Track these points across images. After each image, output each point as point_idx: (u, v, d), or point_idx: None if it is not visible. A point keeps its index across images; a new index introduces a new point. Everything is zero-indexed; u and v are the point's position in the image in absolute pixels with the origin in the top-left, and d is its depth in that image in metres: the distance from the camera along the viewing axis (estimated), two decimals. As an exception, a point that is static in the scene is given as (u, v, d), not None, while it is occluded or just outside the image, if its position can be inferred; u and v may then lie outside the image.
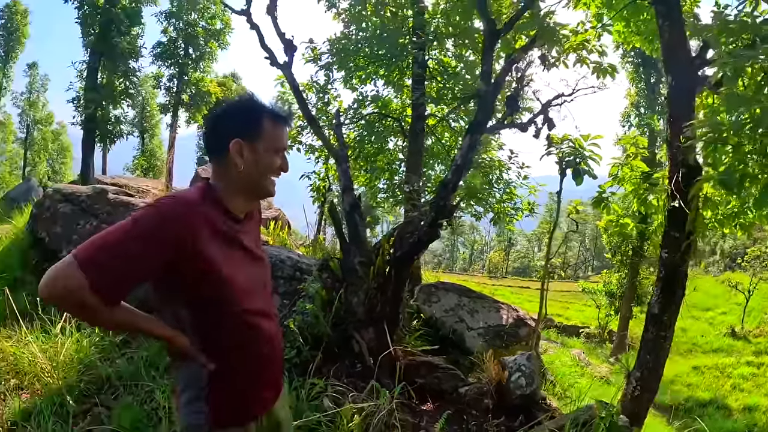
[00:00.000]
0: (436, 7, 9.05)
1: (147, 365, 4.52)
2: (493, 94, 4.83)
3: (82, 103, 21.92)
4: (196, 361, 1.74)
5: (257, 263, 1.91)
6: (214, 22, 27.37)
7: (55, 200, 7.36)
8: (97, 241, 1.54)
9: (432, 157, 10.21)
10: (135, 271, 1.57)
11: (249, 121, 1.81)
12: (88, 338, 4.92)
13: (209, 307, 1.73)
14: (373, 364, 4.24)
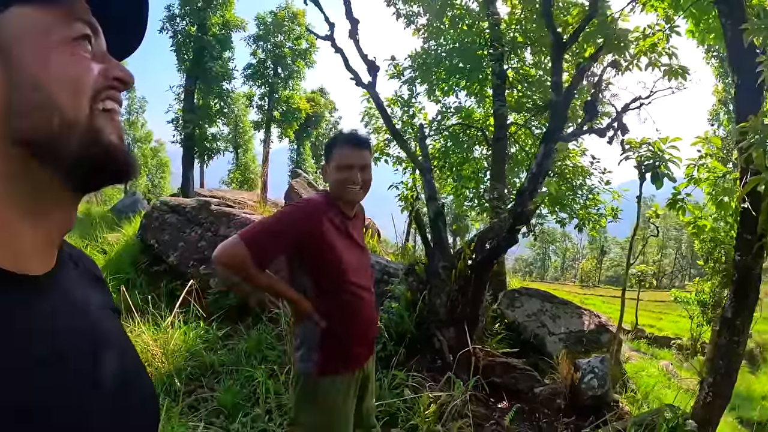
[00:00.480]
0: (511, 17, 9.19)
1: (246, 355, 5.04)
2: (565, 104, 4.90)
3: (181, 123, 23.52)
4: (312, 320, 2.30)
5: (361, 251, 2.50)
6: (299, 42, 28.52)
7: (163, 211, 8.11)
8: (255, 227, 2.26)
9: (516, 164, 10.28)
10: (277, 246, 2.25)
11: (327, 148, 2.49)
12: (194, 330, 5.54)
13: (325, 277, 2.33)
14: (452, 361, 4.49)
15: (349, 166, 2.37)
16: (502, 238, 4.86)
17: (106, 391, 0.67)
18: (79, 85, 0.64)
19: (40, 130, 0.61)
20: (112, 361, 0.70)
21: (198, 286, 6.36)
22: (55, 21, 0.64)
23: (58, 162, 0.63)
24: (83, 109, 0.63)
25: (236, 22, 24.65)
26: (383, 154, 10.31)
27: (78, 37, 0.65)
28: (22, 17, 0.62)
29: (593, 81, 5.94)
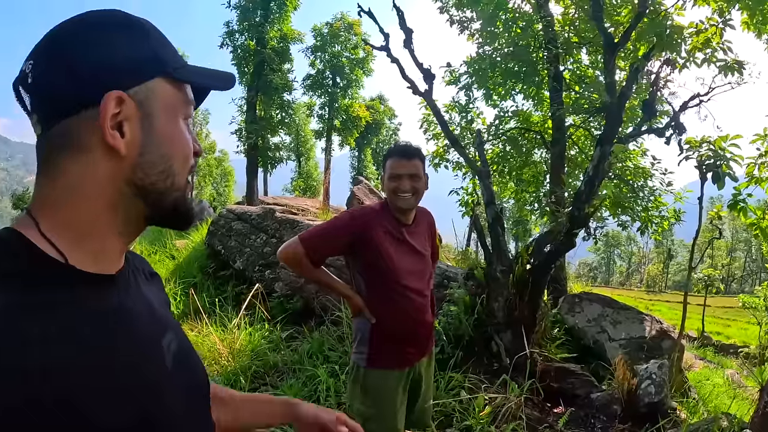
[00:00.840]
0: (565, 17, 9.07)
1: (309, 355, 5.23)
2: (620, 105, 4.82)
3: (244, 134, 24.24)
4: (364, 315, 2.51)
5: (419, 257, 2.62)
6: (356, 52, 28.97)
7: (229, 219, 8.46)
8: (313, 229, 2.56)
9: (575, 167, 10.12)
10: (329, 247, 2.53)
11: (382, 161, 2.70)
12: (259, 332, 5.82)
13: (376, 278, 2.52)
14: (509, 364, 4.51)
15: (397, 175, 2.53)
16: (559, 242, 4.84)
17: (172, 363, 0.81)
18: (188, 159, 0.82)
19: (155, 187, 0.77)
20: (175, 340, 0.84)
21: (263, 290, 6.60)
22: (182, 101, 0.80)
23: (153, 206, 0.79)
24: (185, 178, 0.81)
25: (293, 34, 25.30)
26: (443, 159, 10.34)
27: (189, 116, 0.82)
28: (165, 90, 0.78)
29: (650, 79, 5.79)
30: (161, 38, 0.80)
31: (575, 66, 9.71)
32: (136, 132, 0.74)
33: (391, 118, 42.36)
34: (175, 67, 0.79)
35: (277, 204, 14.24)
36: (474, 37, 9.92)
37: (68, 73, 0.71)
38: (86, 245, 0.73)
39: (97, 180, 0.73)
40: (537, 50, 8.96)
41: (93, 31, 0.74)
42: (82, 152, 0.72)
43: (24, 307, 0.63)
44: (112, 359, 0.68)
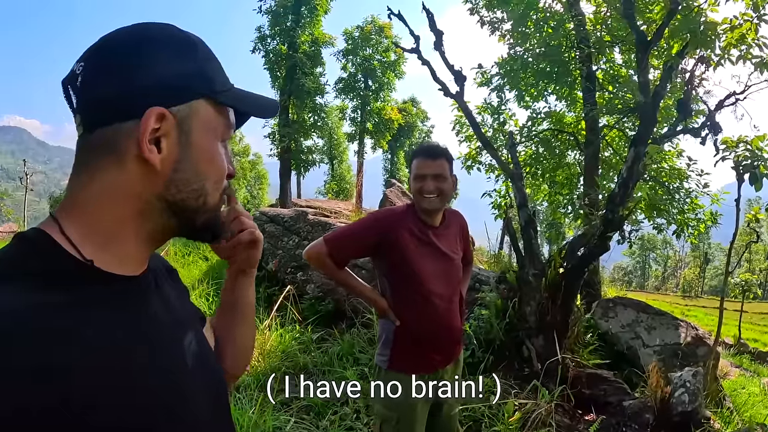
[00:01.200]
0: (596, 16, 8.92)
1: (339, 357, 5.29)
2: (654, 105, 4.69)
3: (277, 138, 24.48)
4: (388, 318, 2.50)
5: (446, 260, 2.56)
6: (388, 55, 29.03)
7: (262, 221, 8.53)
8: (338, 230, 2.60)
9: (610, 168, 9.94)
10: (353, 248, 2.53)
11: (408, 162, 2.59)
12: (290, 333, 5.88)
13: (400, 281, 2.49)
14: (540, 370, 4.45)
15: (422, 176, 2.49)
16: (593, 245, 4.76)
17: (192, 364, 0.83)
18: (221, 181, 0.84)
19: (186, 204, 0.79)
20: (195, 342, 0.87)
21: (295, 292, 6.66)
22: (222, 124, 0.83)
23: (183, 222, 0.81)
24: (218, 198, 0.84)
25: (325, 38, 25.48)
26: (475, 162, 10.26)
27: (227, 139, 0.85)
28: (207, 111, 0.80)
29: (685, 78, 5.64)
30: (211, 58, 0.82)
31: (608, 65, 9.52)
32: (174, 149, 0.76)
33: (423, 121, 42.32)
34: (220, 90, 0.81)
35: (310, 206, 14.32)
36: (505, 37, 9.82)
37: (116, 82, 0.73)
38: (111, 248, 0.75)
39: (129, 190, 0.75)
40: (569, 50, 8.84)
41: (145, 45, 0.76)
42: (118, 160, 0.74)
43: (48, 306, 0.64)
44: (135, 360, 0.70)
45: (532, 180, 10.25)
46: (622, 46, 8.46)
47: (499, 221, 10.03)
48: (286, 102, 24.32)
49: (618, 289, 16.57)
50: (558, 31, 8.93)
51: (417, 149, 2.62)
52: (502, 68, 9.65)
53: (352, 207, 13.63)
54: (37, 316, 0.62)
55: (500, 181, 10.01)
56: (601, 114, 8.74)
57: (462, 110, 6.22)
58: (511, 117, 10.11)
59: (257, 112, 0.87)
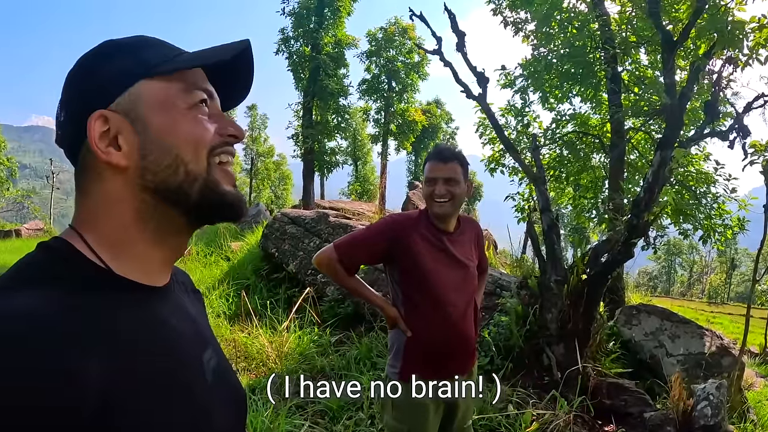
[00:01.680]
0: (621, 16, 8.73)
1: (356, 361, 5.25)
2: (681, 107, 4.55)
3: (301, 139, 24.60)
4: (399, 327, 2.41)
5: (461, 267, 2.47)
6: (411, 56, 29.01)
7: (284, 222, 8.56)
8: (349, 235, 2.50)
9: (635, 172, 9.74)
10: (363, 254, 2.47)
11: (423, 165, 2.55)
12: (308, 335, 5.87)
13: (412, 288, 2.40)
14: (560, 379, 4.35)
15: (433, 179, 2.42)
16: (617, 251, 4.64)
17: (212, 378, 0.83)
18: (200, 144, 0.79)
19: (169, 183, 0.77)
20: (215, 357, 0.86)
21: (314, 294, 6.66)
22: (178, 91, 0.79)
23: (180, 205, 0.79)
24: (202, 164, 0.79)
25: (348, 40, 25.55)
26: (499, 164, 10.13)
27: (197, 102, 0.80)
28: (151, 89, 0.77)
29: (712, 79, 5.48)
30: (148, 44, 0.81)
31: (634, 66, 9.31)
32: (132, 139, 0.75)
33: (448, 122, 42.20)
34: (156, 63, 0.78)
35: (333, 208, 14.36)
36: (529, 38, 9.70)
37: (67, 112, 0.77)
38: (127, 257, 0.76)
39: (115, 197, 0.76)
40: (594, 51, 8.68)
41: (80, 68, 0.78)
42: (93, 174, 0.76)
43: (73, 310, 0.65)
44: (156, 368, 0.71)
45: (556, 183, 10.09)
46: (647, 46, 8.28)
47: (522, 225, 9.88)
48: (310, 103, 24.45)
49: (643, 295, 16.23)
50: (582, 31, 8.77)
51: (430, 152, 2.54)
52: (525, 69, 9.51)
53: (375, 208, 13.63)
54: (62, 319, 0.63)
55: (523, 184, 9.88)
56: (627, 116, 8.56)
57: (485, 112, 6.14)
58: (535, 119, 9.96)
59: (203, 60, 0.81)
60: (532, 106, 9.93)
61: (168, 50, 0.81)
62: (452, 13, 5.71)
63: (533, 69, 9.37)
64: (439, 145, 2.63)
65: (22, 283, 0.67)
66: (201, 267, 9.87)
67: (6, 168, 33.11)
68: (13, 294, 0.65)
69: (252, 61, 0.89)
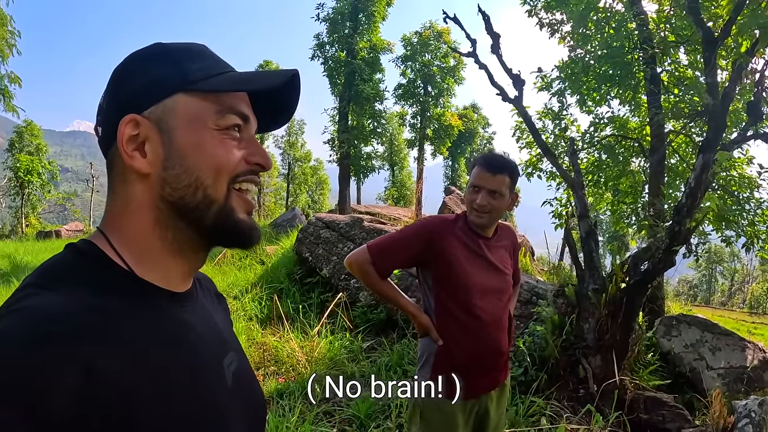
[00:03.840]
0: (659, 15, 8.45)
1: (387, 368, 5.19)
2: (723, 108, 4.35)
3: (337, 144, 24.70)
4: (431, 336, 2.31)
5: (497, 274, 2.38)
6: (447, 60, 28.87)
7: (318, 227, 8.58)
8: (382, 237, 2.41)
9: (676, 176, 9.44)
10: (398, 257, 2.36)
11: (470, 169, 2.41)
12: (339, 341, 5.85)
13: (446, 295, 2.30)
14: (596, 391, 4.21)
15: (477, 187, 2.33)
16: (657, 259, 4.46)
17: (232, 383, 0.83)
18: (222, 169, 0.79)
19: (186, 201, 0.77)
20: (236, 361, 0.88)
21: (347, 299, 6.63)
22: (211, 111, 0.79)
23: (195, 225, 0.79)
24: (222, 190, 0.79)
25: (383, 44, 25.54)
26: (536, 169, 9.95)
27: (229, 126, 0.80)
28: (185, 104, 0.78)
29: (754, 79, 5.25)
30: (193, 55, 0.81)
31: (673, 67, 8.99)
32: (158, 149, 0.76)
33: (485, 127, 41.96)
34: (196, 79, 0.78)
35: (369, 212, 14.40)
36: (565, 40, 9.51)
37: (105, 110, 0.79)
38: (148, 261, 0.78)
39: (138, 200, 0.77)
40: (632, 51, 8.44)
41: (124, 68, 0.80)
42: (121, 175, 0.78)
43: (98, 311, 0.66)
44: (177, 370, 0.72)
45: (594, 188, 9.84)
46: (687, 45, 7.99)
47: (560, 231, 9.66)
48: (346, 108, 24.54)
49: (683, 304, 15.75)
50: (620, 31, 8.53)
51: (480, 156, 2.42)
52: (562, 71, 9.31)
53: (411, 214, 13.60)
54: (84, 319, 0.64)
55: (561, 189, 9.67)
56: (667, 118, 8.29)
57: (521, 115, 6.04)
58: (572, 122, 9.74)
59: (246, 86, 0.82)
60: (570, 109, 9.72)
61: (214, 65, 0.82)
62: (486, 14, 5.62)
63: (570, 71, 9.16)
64: (490, 152, 2.50)
65: (48, 282, 0.69)
66: (235, 270, 9.97)
67: (48, 171, 34.14)
68: (39, 292, 0.67)
69: (299, 90, 0.88)
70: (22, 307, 0.64)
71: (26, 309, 0.63)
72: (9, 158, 33.17)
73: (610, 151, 9.26)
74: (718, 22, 6.39)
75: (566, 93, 9.53)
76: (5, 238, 26.67)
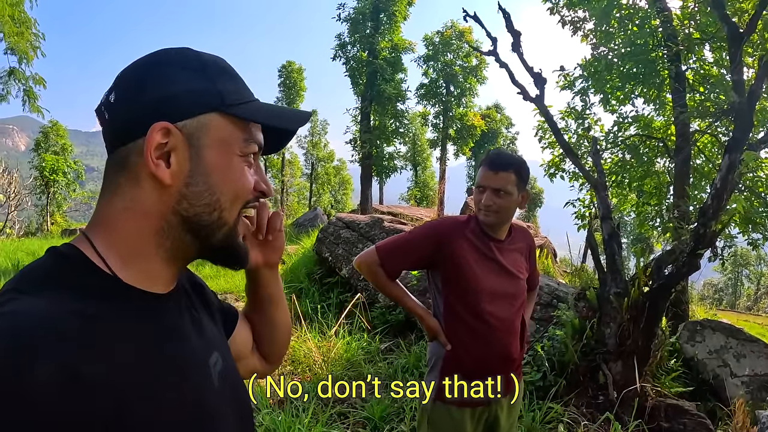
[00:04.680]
0: (684, 11, 8.26)
1: (403, 370, 5.14)
2: (750, 106, 4.19)
3: (359, 144, 24.71)
4: (439, 340, 2.27)
5: (509, 278, 2.31)
6: (469, 60, 28.73)
7: (338, 227, 8.57)
8: (392, 237, 2.37)
9: (702, 177, 9.21)
10: (407, 258, 2.33)
11: None
12: (356, 342, 5.81)
13: (455, 298, 2.25)
14: (616, 398, 4.11)
15: (481, 187, 2.29)
16: (681, 262, 4.33)
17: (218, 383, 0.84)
18: (240, 195, 0.82)
19: (201, 219, 0.79)
20: (219, 356, 0.88)
21: (365, 300, 6.59)
22: (240, 138, 0.81)
23: (201, 240, 0.81)
24: (234, 214, 0.82)
25: (405, 44, 25.49)
26: (559, 169, 9.81)
27: (250, 154, 0.82)
28: (219, 125, 0.79)
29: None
30: (225, 74, 0.82)
31: (698, 64, 8.76)
32: (183, 163, 0.76)
33: (508, 127, 41.64)
34: (232, 103, 0.79)
35: (391, 213, 14.37)
36: (588, 37, 9.34)
37: (128, 103, 0.76)
38: (136, 265, 0.77)
39: (145, 206, 0.77)
40: (656, 49, 8.27)
41: (157, 67, 0.78)
42: (133, 178, 0.76)
43: (79, 316, 0.65)
44: (161, 375, 0.71)
45: (618, 189, 9.67)
46: (712, 42, 7.80)
47: (583, 232, 9.51)
48: (368, 108, 24.56)
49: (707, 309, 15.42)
50: (643, 28, 8.35)
51: (485, 156, 2.38)
52: (585, 70, 9.15)
53: (433, 214, 13.55)
54: (66, 324, 0.63)
55: (584, 190, 9.51)
56: (693, 117, 8.09)
57: (542, 114, 5.94)
58: (596, 122, 9.58)
59: (278, 122, 0.85)
60: (593, 108, 9.55)
61: (244, 90, 0.84)
62: (507, 12, 5.53)
63: (593, 69, 9.00)
64: (496, 150, 2.43)
65: (29, 286, 0.68)
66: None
67: (73, 171, 34.72)
68: (19, 296, 0.66)
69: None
70: (3, 312, 0.63)
71: (8, 314, 0.63)
72: (35, 158, 33.93)
73: (634, 151, 9.09)
74: (743, 17, 6.21)
75: (589, 92, 9.38)
76: (31, 235, 27.20)
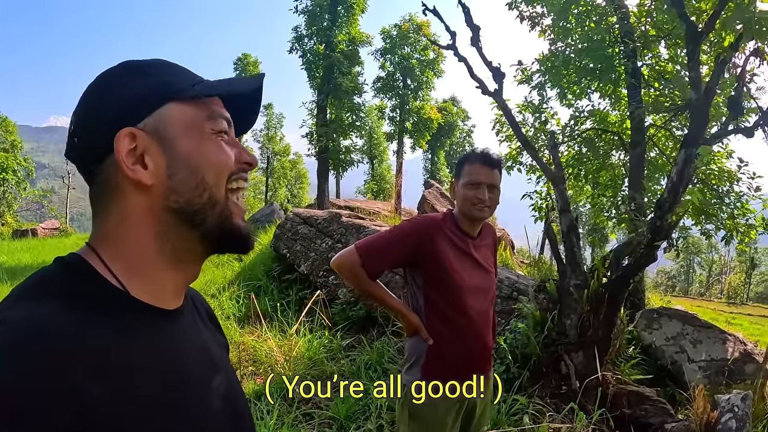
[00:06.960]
0: (641, 8, 8.43)
1: (367, 367, 5.10)
2: (706, 102, 4.34)
3: (315, 137, 24.46)
4: (420, 335, 2.31)
5: (484, 273, 2.41)
6: (426, 53, 28.80)
7: (296, 222, 8.44)
8: (371, 237, 2.36)
9: (656, 170, 9.46)
10: (387, 257, 2.32)
11: (458, 165, 2.45)
12: (318, 339, 5.75)
13: (436, 294, 2.30)
14: (579, 388, 4.18)
15: (477, 183, 2.34)
16: (639, 254, 4.43)
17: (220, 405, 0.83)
18: (223, 169, 0.82)
19: (193, 204, 0.79)
20: (225, 383, 0.87)
21: (326, 296, 6.51)
22: (204, 117, 0.82)
23: (198, 228, 0.80)
24: (222, 190, 0.82)
25: (362, 37, 25.27)
26: (516, 162, 9.90)
27: (221, 130, 0.83)
28: (180, 112, 0.80)
29: (735, 73, 5.23)
30: (169, 68, 0.84)
31: (654, 61, 9.02)
32: (158, 159, 0.77)
33: (464, 120, 41.99)
34: (184, 87, 0.81)
35: (348, 207, 14.25)
36: (546, 33, 9.46)
37: (83, 124, 0.78)
38: (141, 279, 0.77)
39: (137, 213, 0.77)
40: (613, 45, 8.44)
41: (105, 83, 0.79)
42: (117, 192, 0.77)
43: (84, 326, 0.65)
44: (161, 391, 0.71)
45: (574, 181, 9.85)
46: (668, 40, 8.01)
47: (540, 223, 9.64)
48: (324, 101, 24.30)
49: (662, 296, 15.88)
50: (600, 25, 8.54)
51: (473, 154, 2.43)
52: (543, 65, 9.27)
53: (391, 207, 13.52)
54: (71, 335, 0.63)
55: (541, 183, 9.63)
56: (648, 112, 8.28)
57: (501, 108, 5.96)
58: (553, 116, 9.72)
59: (231, 89, 0.86)
60: (550, 103, 9.70)
61: (190, 76, 0.84)
62: (466, 6, 5.53)
63: (551, 64, 9.13)
64: (485, 149, 2.45)
65: (36, 295, 0.69)
66: (213, 267, 9.80)
67: (23, 168, 33.34)
68: (26, 305, 0.66)
69: (261, 95, 0.91)
70: (8, 320, 0.63)
71: (13, 322, 0.63)
72: (-18, 156, 32.29)
73: (590, 144, 9.28)
74: (702, 17, 6.37)
75: (546, 86, 9.51)
76: (-21, 237, 26.07)
